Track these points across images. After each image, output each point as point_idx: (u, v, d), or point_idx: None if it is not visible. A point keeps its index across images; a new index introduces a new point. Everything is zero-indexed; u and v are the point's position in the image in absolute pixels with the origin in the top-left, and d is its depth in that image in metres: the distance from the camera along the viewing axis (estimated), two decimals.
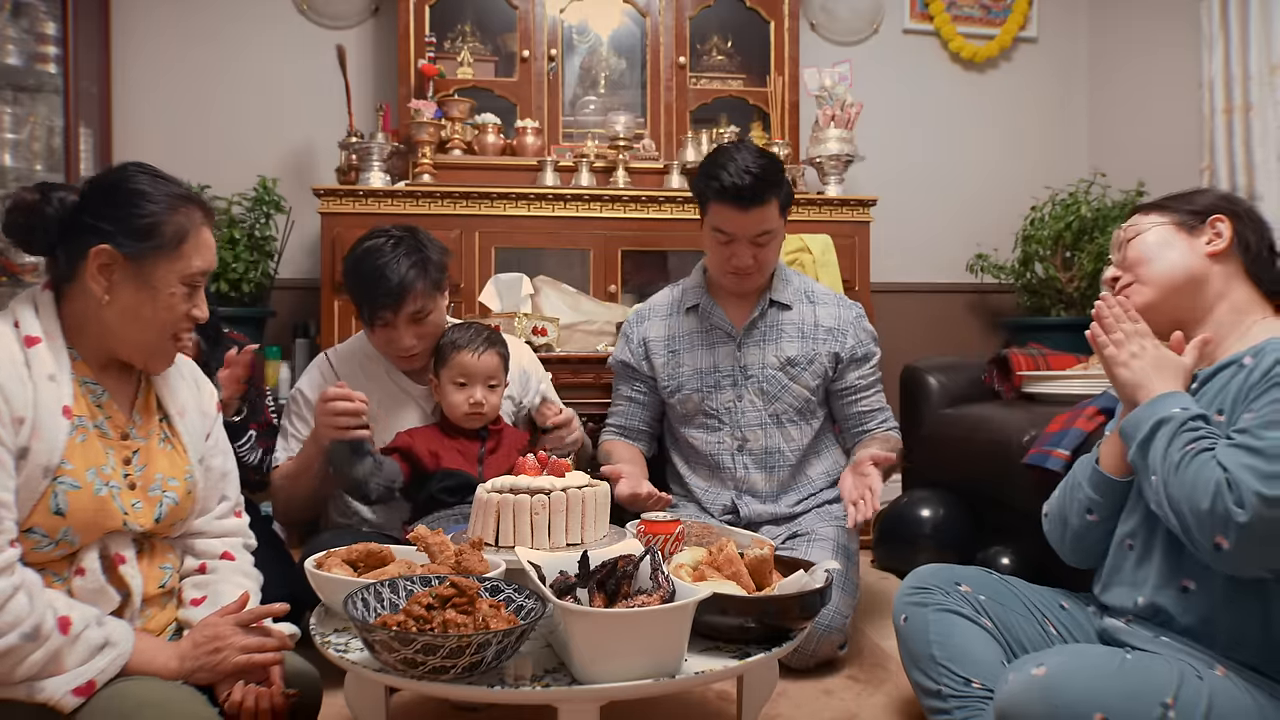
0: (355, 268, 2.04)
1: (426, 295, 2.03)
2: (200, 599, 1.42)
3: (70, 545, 1.26)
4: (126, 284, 1.32)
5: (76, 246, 1.31)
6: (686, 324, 2.35)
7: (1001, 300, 3.82)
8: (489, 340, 2.09)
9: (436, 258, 2.06)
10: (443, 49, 3.27)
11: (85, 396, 1.33)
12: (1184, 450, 1.33)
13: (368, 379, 2.14)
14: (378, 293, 2.00)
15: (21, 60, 2.95)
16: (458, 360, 2.06)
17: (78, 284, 1.32)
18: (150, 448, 1.39)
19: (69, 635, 1.18)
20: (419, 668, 1.26)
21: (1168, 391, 1.40)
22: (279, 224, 3.25)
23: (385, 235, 2.06)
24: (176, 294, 1.36)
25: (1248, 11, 3.05)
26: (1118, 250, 1.58)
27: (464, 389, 2.06)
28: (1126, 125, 3.79)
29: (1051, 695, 1.28)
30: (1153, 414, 1.38)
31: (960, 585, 1.62)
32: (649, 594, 1.34)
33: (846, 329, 2.32)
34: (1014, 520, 2.50)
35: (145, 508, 1.35)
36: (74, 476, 1.26)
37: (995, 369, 2.97)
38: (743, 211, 2.14)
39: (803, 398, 2.30)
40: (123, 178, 1.36)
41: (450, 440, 2.07)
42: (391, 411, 2.13)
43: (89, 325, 1.34)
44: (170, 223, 1.34)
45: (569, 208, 3.05)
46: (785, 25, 3.37)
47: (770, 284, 2.33)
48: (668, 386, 2.34)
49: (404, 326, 2.04)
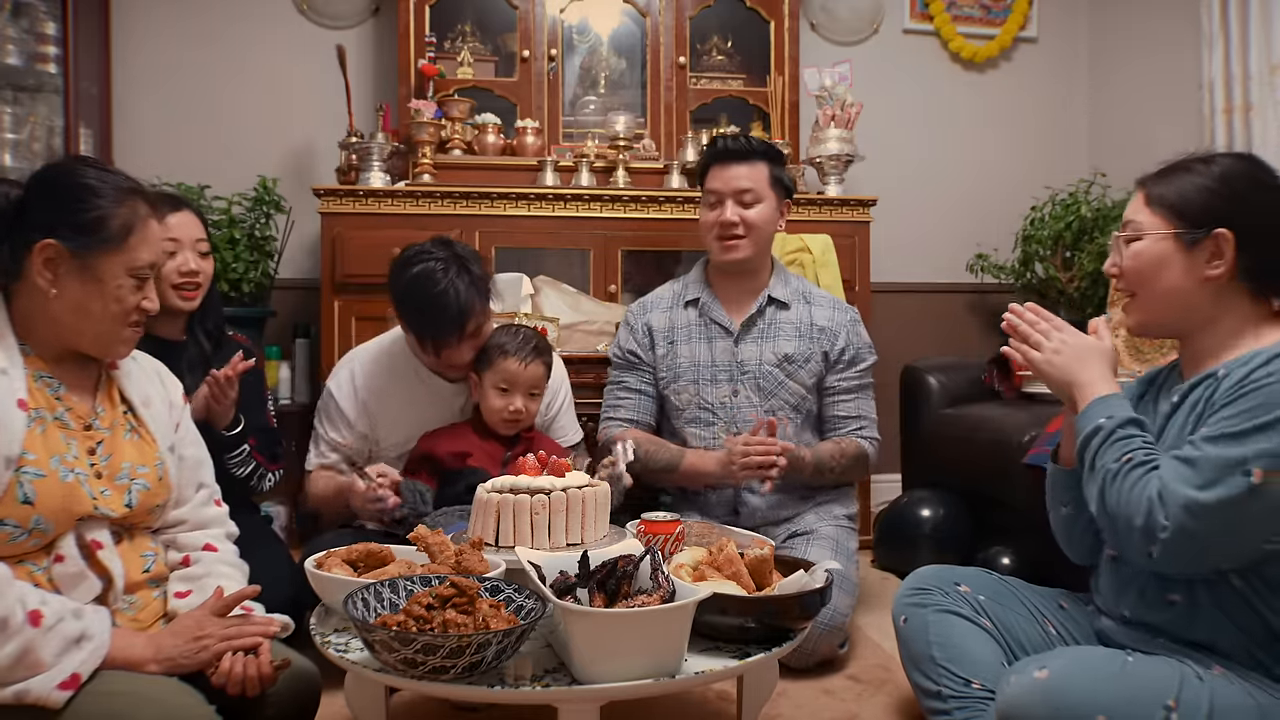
0: (411, 297, 2.01)
1: (484, 313, 2.05)
2: (186, 592, 1.42)
3: (44, 534, 1.27)
4: (72, 278, 1.32)
5: (21, 241, 1.31)
6: (685, 317, 2.37)
7: (1001, 300, 3.79)
8: (537, 350, 2.09)
9: (480, 271, 2.06)
10: (443, 49, 3.26)
11: (41, 390, 1.33)
12: (1119, 462, 1.35)
13: (394, 379, 2.15)
14: (442, 322, 1.99)
15: (21, 60, 2.95)
16: (504, 366, 2.05)
17: (24, 280, 1.32)
18: (115, 438, 1.40)
19: (40, 628, 1.17)
20: (419, 668, 1.26)
21: (1099, 396, 1.41)
22: (279, 224, 3.25)
23: (431, 258, 2.02)
24: (124, 286, 1.36)
25: (1248, 11, 3.04)
26: (1116, 247, 1.54)
27: (505, 395, 2.06)
28: (1126, 125, 3.79)
29: (1053, 698, 1.28)
30: (1085, 424, 1.40)
31: (960, 586, 1.62)
32: (649, 594, 1.34)
33: (839, 330, 2.33)
34: (1014, 520, 2.50)
35: (114, 495, 1.35)
36: (37, 466, 1.26)
37: (995, 369, 2.98)
38: (726, 166, 2.26)
39: (799, 394, 2.31)
40: (67, 171, 1.36)
41: (480, 440, 2.07)
42: (418, 411, 2.14)
43: (38, 320, 1.34)
44: (116, 216, 1.33)
45: (569, 208, 3.04)
46: (785, 25, 3.37)
47: (769, 281, 2.35)
48: (664, 377, 2.35)
49: (464, 346, 2.04)
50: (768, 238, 2.32)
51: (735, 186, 2.25)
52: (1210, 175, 1.44)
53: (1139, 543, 1.31)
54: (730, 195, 2.25)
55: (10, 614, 1.16)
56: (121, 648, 1.25)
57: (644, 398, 2.37)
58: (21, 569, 1.24)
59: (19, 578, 1.22)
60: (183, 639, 1.28)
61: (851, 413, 2.34)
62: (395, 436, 2.15)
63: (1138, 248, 1.48)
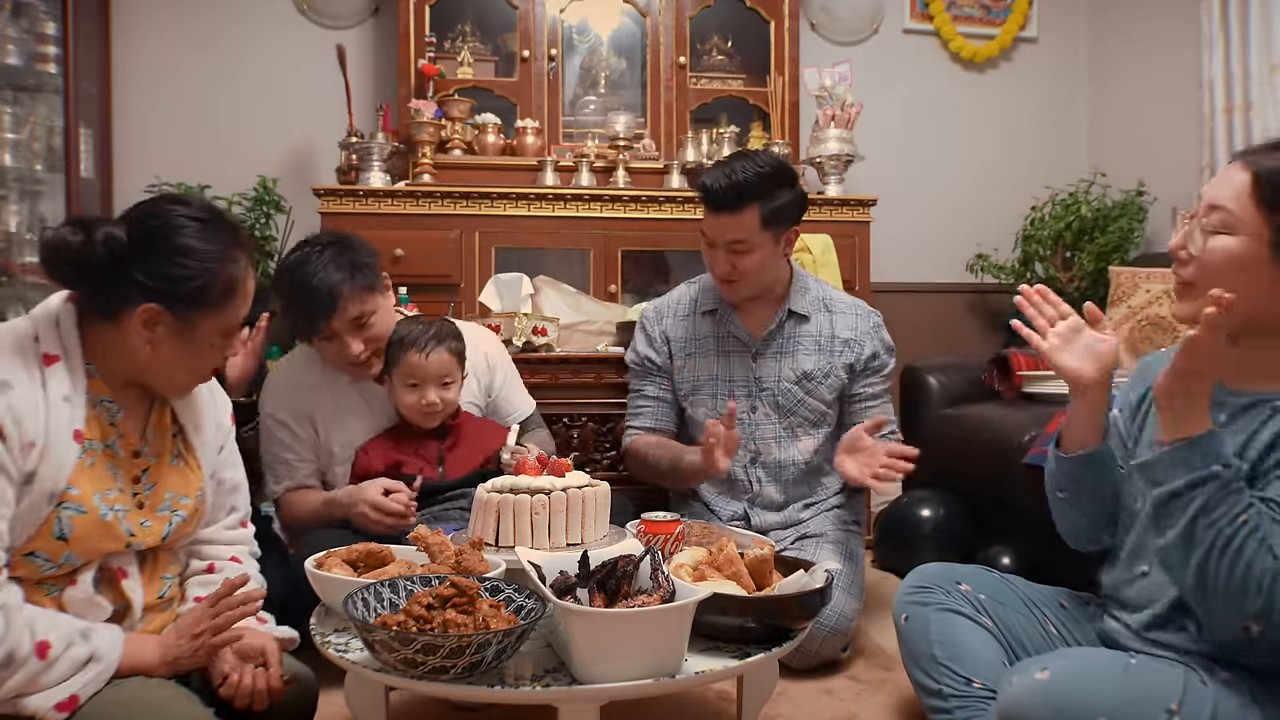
0: (283, 282, 2.00)
1: (361, 298, 1.99)
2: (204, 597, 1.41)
3: (71, 566, 1.25)
4: (169, 338, 1.31)
5: (121, 294, 1.28)
6: (703, 327, 2.31)
7: (1001, 300, 3.82)
8: (438, 336, 2.03)
9: (365, 259, 2.01)
10: (443, 49, 3.26)
11: (99, 416, 1.31)
12: (1235, 525, 1.17)
13: (326, 382, 2.11)
14: (309, 303, 1.96)
15: (21, 60, 2.95)
16: (406, 360, 2.00)
17: (114, 323, 1.30)
18: (161, 465, 1.38)
19: (47, 660, 1.16)
20: (419, 668, 1.26)
21: (1206, 432, 1.22)
22: (279, 224, 3.25)
23: (309, 244, 2.02)
24: (216, 344, 1.36)
25: (1248, 11, 3.05)
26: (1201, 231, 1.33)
27: (416, 389, 2.01)
28: (1126, 125, 3.79)
29: (1055, 699, 1.27)
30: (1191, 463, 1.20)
31: (961, 584, 1.62)
32: (649, 594, 1.34)
33: (864, 340, 2.28)
34: (1014, 520, 2.50)
35: (154, 526, 1.34)
36: (80, 501, 1.24)
37: (995, 369, 2.97)
38: (714, 215, 2.14)
39: (818, 411, 2.27)
40: (168, 227, 1.31)
41: (408, 443, 2.04)
42: (355, 415, 2.10)
43: (116, 355, 1.32)
44: (219, 280, 1.31)
45: (569, 208, 3.04)
46: (785, 25, 3.37)
47: (787, 293, 2.29)
48: (683, 389, 2.32)
49: (348, 334, 2.00)
50: (769, 273, 2.22)
51: (726, 238, 2.13)
52: None
53: (1241, 617, 1.21)
54: (722, 245, 2.15)
55: (17, 647, 1.14)
56: (133, 654, 1.24)
57: (663, 404, 2.34)
58: (36, 591, 1.23)
59: (31, 599, 1.21)
60: (185, 637, 1.28)
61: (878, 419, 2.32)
62: (342, 438, 2.10)
63: (1225, 244, 1.29)
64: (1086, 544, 1.60)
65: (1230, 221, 1.29)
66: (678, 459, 2.21)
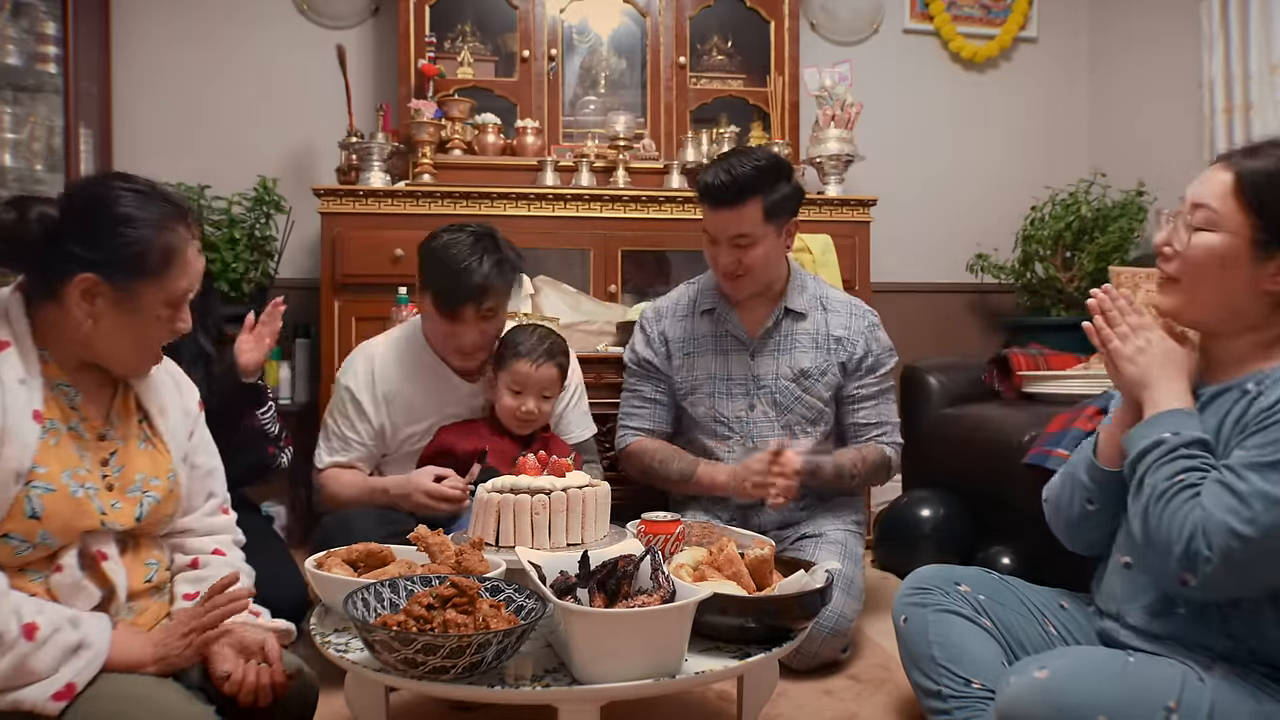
0: (436, 258, 2.05)
1: (502, 295, 2.07)
2: (194, 594, 1.41)
3: (49, 547, 1.25)
4: (110, 309, 1.29)
5: (58, 270, 1.27)
6: (701, 327, 2.32)
7: (1001, 300, 3.82)
8: (550, 352, 2.10)
9: (514, 259, 2.10)
10: (443, 49, 3.26)
11: (58, 399, 1.31)
12: (1171, 481, 1.30)
13: (414, 368, 2.15)
14: (460, 285, 2.01)
15: (21, 60, 2.95)
16: (516, 367, 2.07)
17: (56, 301, 1.29)
18: (129, 449, 1.38)
19: (35, 641, 1.16)
20: (419, 668, 1.26)
21: (1171, 409, 1.34)
22: (279, 224, 3.25)
23: (464, 230, 2.09)
24: (162, 315, 1.34)
25: (1248, 11, 3.05)
26: (1185, 227, 1.38)
27: (518, 396, 2.07)
28: (1126, 125, 3.79)
29: (1054, 698, 1.28)
30: (1148, 433, 1.34)
31: (960, 585, 1.62)
32: (649, 594, 1.34)
33: (856, 339, 2.28)
34: (1014, 520, 2.50)
35: (125, 507, 1.34)
36: (48, 480, 1.24)
37: (995, 369, 2.97)
38: (715, 211, 2.15)
39: (816, 409, 2.28)
40: (105, 196, 1.31)
41: (495, 438, 2.09)
42: (436, 403, 2.15)
43: (64, 334, 1.31)
44: (157, 247, 1.30)
45: (569, 208, 3.04)
46: (785, 25, 3.37)
47: (784, 290, 2.29)
48: (681, 389, 2.32)
49: (473, 322, 2.05)
50: (774, 267, 2.24)
51: (729, 233, 2.14)
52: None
53: (1176, 568, 1.28)
54: (725, 240, 2.16)
55: (5, 629, 1.15)
56: (122, 650, 1.24)
57: (659, 407, 2.34)
58: (21, 577, 1.24)
59: (17, 586, 1.21)
60: (175, 636, 1.28)
61: (872, 419, 2.30)
62: (414, 427, 2.14)
63: (1208, 240, 1.35)
64: (1086, 550, 1.60)
65: (1213, 219, 1.35)
66: (689, 471, 2.23)
